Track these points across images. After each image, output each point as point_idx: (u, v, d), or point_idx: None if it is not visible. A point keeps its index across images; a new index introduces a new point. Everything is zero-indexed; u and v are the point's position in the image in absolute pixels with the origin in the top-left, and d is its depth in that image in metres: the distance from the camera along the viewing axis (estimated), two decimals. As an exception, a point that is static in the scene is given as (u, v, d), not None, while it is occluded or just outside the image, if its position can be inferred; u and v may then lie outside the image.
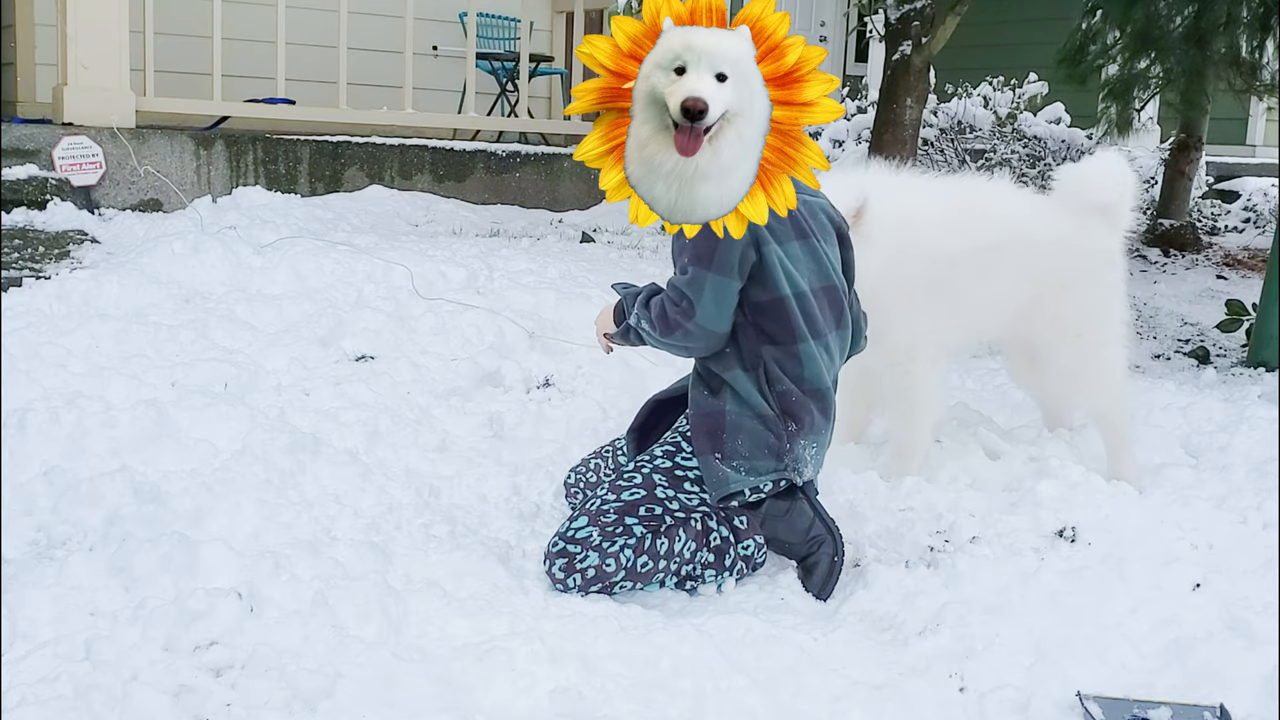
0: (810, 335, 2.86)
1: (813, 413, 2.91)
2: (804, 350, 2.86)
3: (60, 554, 2.75)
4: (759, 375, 2.88)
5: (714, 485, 2.89)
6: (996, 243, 3.36)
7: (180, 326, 4.21)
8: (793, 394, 2.88)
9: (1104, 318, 3.62)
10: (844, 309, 2.97)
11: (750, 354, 2.87)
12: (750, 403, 2.87)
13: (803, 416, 2.90)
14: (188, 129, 6.57)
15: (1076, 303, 3.55)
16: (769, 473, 2.90)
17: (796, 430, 2.91)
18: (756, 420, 2.88)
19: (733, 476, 2.87)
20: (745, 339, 2.87)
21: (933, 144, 9.26)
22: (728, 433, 2.87)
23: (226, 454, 3.30)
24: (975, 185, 3.74)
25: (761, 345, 2.86)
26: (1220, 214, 9.81)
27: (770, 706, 2.36)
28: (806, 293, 2.84)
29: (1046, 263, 3.48)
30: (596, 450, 3.34)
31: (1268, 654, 2.48)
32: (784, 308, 2.81)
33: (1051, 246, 3.48)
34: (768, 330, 2.84)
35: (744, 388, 2.87)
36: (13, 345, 3.83)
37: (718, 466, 2.87)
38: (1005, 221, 3.42)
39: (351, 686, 2.25)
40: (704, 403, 2.92)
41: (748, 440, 2.87)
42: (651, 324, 2.83)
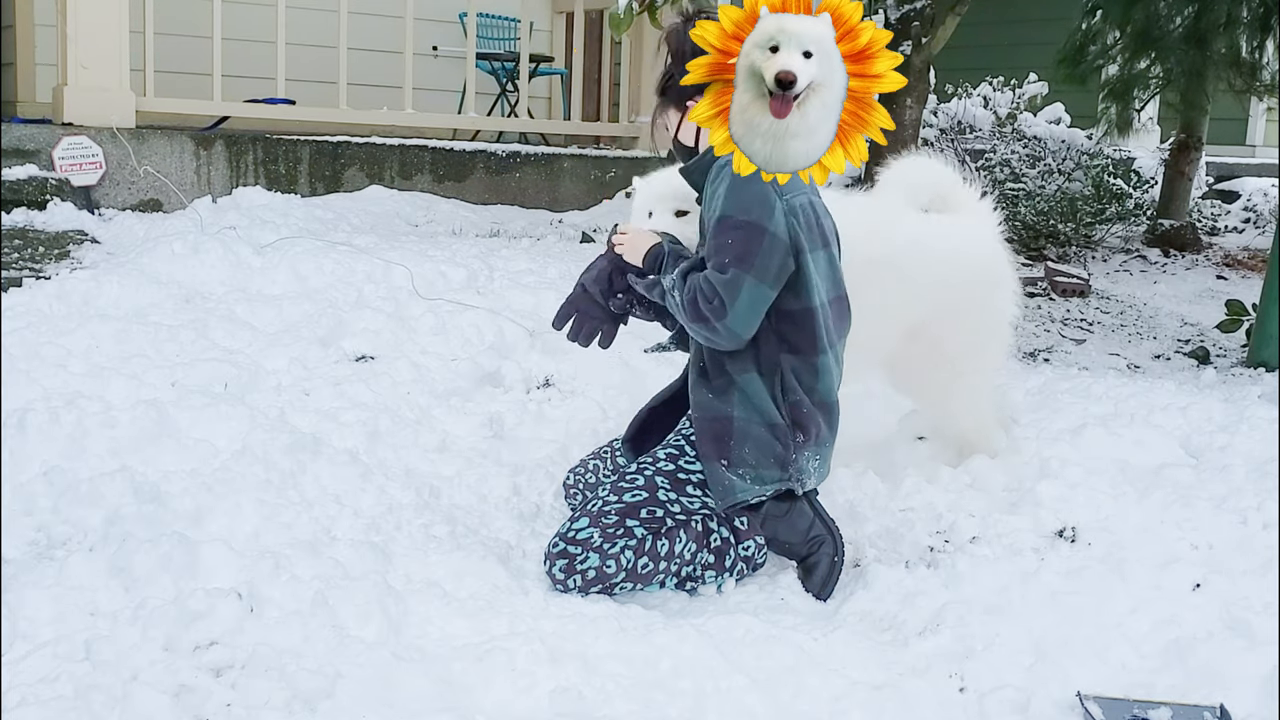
0: (827, 347, 2.92)
1: (820, 425, 2.92)
2: (822, 362, 2.91)
3: (60, 554, 2.75)
4: (774, 382, 2.89)
5: (720, 494, 2.90)
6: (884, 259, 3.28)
7: (180, 326, 4.21)
8: (804, 405, 2.90)
9: (981, 348, 3.54)
10: (848, 319, 3.00)
11: (769, 360, 2.89)
12: (761, 409, 2.88)
13: (810, 428, 2.91)
14: (188, 129, 6.57)
15: (957, 329, 3.47)
16: (774, 482, 2.91)
17: (803, 441, 2.92)
18: (765, 428, 2.88)
19: (739, 485, 2.88)
20: (766, 345, 2.89)
21: (933, 144, 9.25)
22: (735, 439, 2.87)
23: (226, 454, 3.30)
24: (873, 203, 3.60)
25: (781, 353, 2.89)
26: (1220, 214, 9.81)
27: (770, 706, 2.36)
28: (826, 304, 2.91)
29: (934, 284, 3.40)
30: (595, 451, 3.34)
31: (1268, 654, 2.48)
32: (812, 318, 2.89)
33: (940, 267, 3.39)
34: (790, 339, 2.89)
35: (756, 392, 2.88)
36: (13, 345, 3.83)
37: (724, 474, 2.88)
38: (895, 239, 3.34)
39: (351, 686, 2.25)
40: (710, 405, 2.92)
41: (754, 449, 2.88)
42: (680, 304, 2.86)
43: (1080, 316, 6.67)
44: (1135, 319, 6.83)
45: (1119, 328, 6.61)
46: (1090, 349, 6.05)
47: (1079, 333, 6.37)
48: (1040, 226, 8.28)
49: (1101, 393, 4.40)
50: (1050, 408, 4.19)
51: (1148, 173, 9.14)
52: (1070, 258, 8.18)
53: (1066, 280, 7.09)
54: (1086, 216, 8.37)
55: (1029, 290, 6.94)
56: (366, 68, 7.76)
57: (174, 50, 6.97)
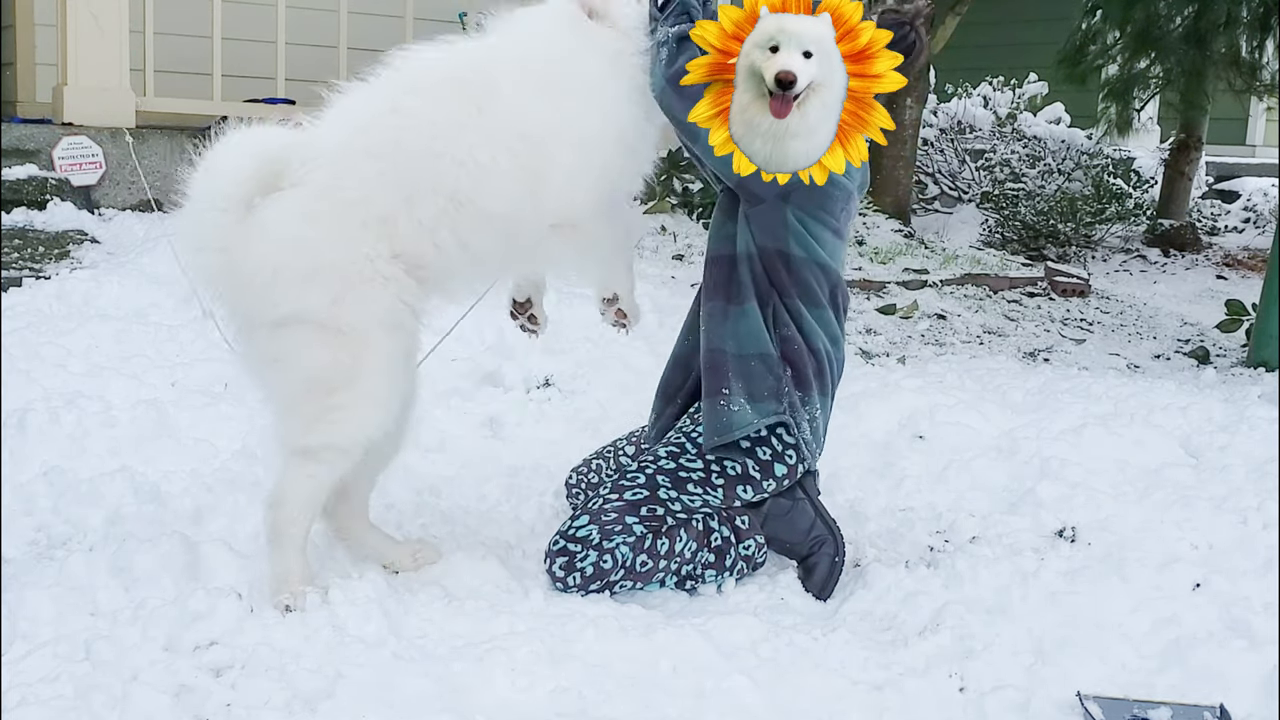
0: (825, 304, 2.95)
1: (808, 369, 2.93)
2: (816, 314, 2.94)
3: (60, 554, 2.75)
4: (767, 314, 2.92)
5: (719, 430, 2.90)
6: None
7: (180, 326, 4.21)
8: (795, 341, 2.92)
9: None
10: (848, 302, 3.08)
11: (765, 293, 2.92)
12: (755, 339, 2.90)
13: (800, 366, 2.93)
14: (188, 129, 6.57)
15: None
16: (770, 414, 2.91)
17: (794, 378, 2.92)
18: (758, 359, 2.90)
19: (736, 417, 2.89)
20: (766, 281, 2.90)
21: (932, 144, 9.26)
22: (732, 371, 2.91)
23: (226, 454, 3.30)
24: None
25: (779, 294, 2.91)
26: (1220, 214, 9.82)
27: (770, 706, 2.36)
28: (834, 270, 2.96)
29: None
30: (598, 450, 3.34)
31: (1268, 654, 2.48)
32: (821, 274, 2.92)
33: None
34: (794, 285, 2.90)
35: (752, 323, 2.90)
36: (13, 345, 3.83)
37: (722, 409, 2.90)
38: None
39: (351, 686, 2.25)
40: (709, 339, 2.96)
41: (749, 379, 2.90)
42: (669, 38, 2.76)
43: (1080, 316, 6.67)
44: (1135, 319, 6.83)
45: (1119, 328, 6.61)
46: (1090, 349, 6.05)
47: (1079, 333, 6.37)
48: (1040, 226, 8.29)
49: (1101, 393, 4.41)
50: (1050, 408, 4.19)
51: (1148, 173, 9.16)
52: (1070, 258, 8.19)
53: (1066, 280, 7.09)
54: (1086, 216, 8.38)
55: (1029, 290, 6.94)
56: (366, 68, 7.74)
57: (174, 50, 6.96)
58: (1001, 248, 8.13)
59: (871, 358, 5.21)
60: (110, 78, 6.18)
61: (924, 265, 6.87)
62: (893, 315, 6.05)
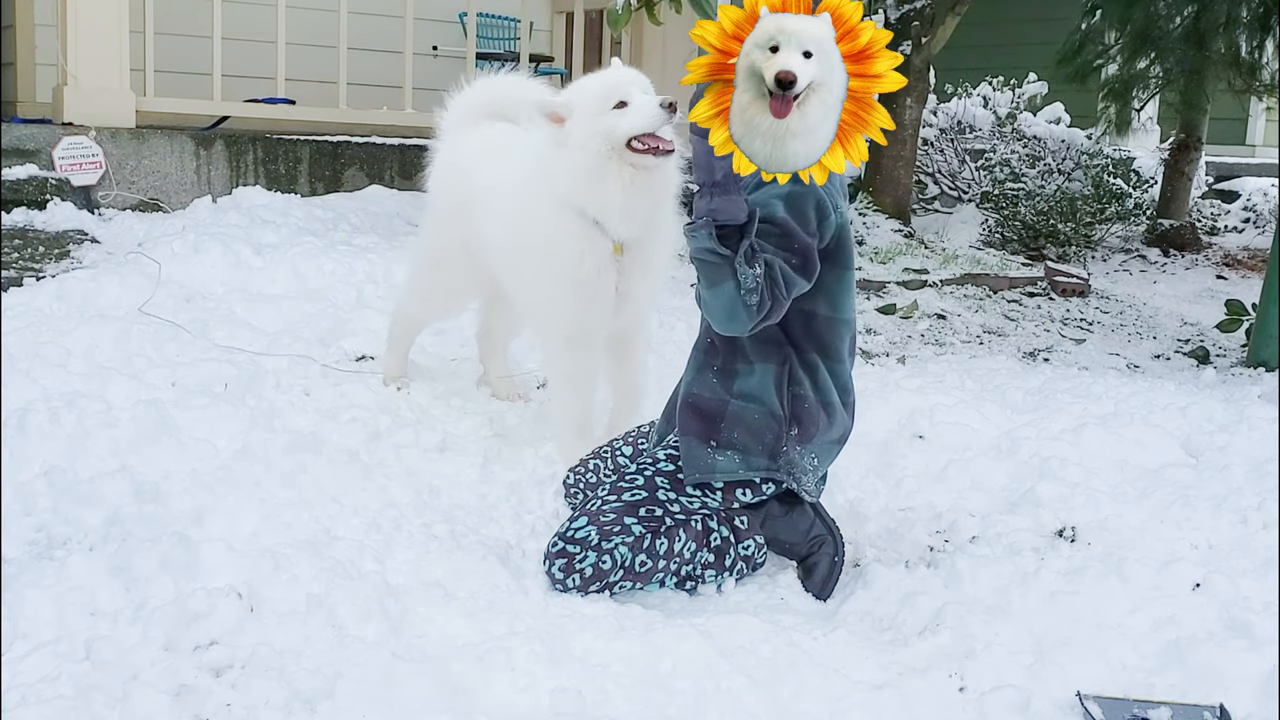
0: (845, 358, 2.98)
1: (820, 424, 2.94)
2: (834, 368, 2.95)
3: (60, 554, 2.75)
4: (783, 372, 2.92)
5: (698, 469, 2.91)
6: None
7: (180, 327, 4.21)
8: (807, 399, 2.92)
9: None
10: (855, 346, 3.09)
11: (783, 353, 2.92)
12: (763, 397, 2.90)
13: (809, 425, 2.92)
14: (188, 129, 6.57)
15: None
16: (759, 470, 2.91)
17: (798, 436, 2.92)
18: (761, 416, 2.90)
19: (722, 464, 2.89)
20: (787, 340, 2.92)
21: (932, 144, 9.26)
22: (726, 422, 2.90)
23: (226, 454, 3.30)
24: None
25: (799, 351, 2.92)
26: (1220, 214, 9.82)
27: (770, 706, 2.36)
28: (852, 321, 2.99)
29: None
30: (596, 451, 3.34)
31: (1268, 654, 2.48)
32: (840, 329, 2.96)
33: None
34: (814, 341, 2.93)
35: (763, 380, 2.90)
36: (13, 345, 3.83)
37: (708, 453, 2.90)
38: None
39: (351, 686, 2.25)
40: (709, 386, 2.94)
41: (746, 433, 2.90)
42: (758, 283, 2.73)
43: (1080, 316, 6.67)
44: (1135, 319, 6.83)
45: (1119, 327, 6.61)
46: (1090, 349, 6.05)
47: (1079, 332, 6.37)
48: (1040, 226, 8.29)
49: (1101, 393, 4.41)
50: (1050, 408, 4.19)
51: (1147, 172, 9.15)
52: (1070, 257, 8.18)
53: (1066, 280, 7.09)
54: (1086, 216, 8.38)
55: (1029, 290, 6.94)
56: (366, 68, 7.75)
57: (174, 50, 6.96)
58: (1001, 248, 8.13)
59: (871, 357, 5.21)
60: (110, 78, 6.18)
61: (924, 265, 6.87)
62: (893, 315, 6.05)
